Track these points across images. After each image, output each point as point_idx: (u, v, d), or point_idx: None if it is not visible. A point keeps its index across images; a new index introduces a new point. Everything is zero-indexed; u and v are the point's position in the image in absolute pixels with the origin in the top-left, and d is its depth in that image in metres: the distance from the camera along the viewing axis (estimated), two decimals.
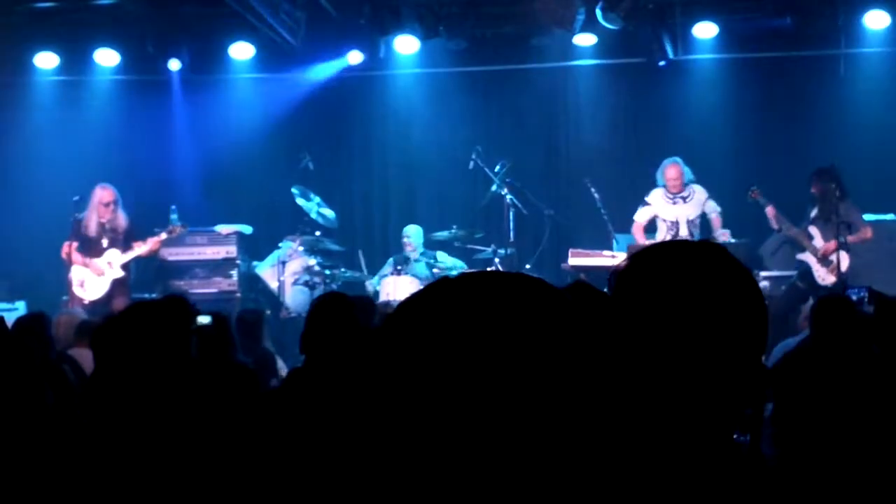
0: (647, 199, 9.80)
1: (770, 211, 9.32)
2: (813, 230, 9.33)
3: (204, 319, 4.95)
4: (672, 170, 9.69)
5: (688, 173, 9.76)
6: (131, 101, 11.32)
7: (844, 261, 9.10)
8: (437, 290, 1.21)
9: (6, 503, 3.20)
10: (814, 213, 9.39)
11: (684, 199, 9.73)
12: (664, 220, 9.73)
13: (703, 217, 9.76)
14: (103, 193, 9.50)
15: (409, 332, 1.19)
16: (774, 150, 10.67)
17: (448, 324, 1.16)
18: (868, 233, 9.29)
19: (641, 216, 9.79)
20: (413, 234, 10.35)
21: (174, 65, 10.86)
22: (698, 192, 9.73)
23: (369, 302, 6.78)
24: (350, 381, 3.39)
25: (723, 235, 9.58)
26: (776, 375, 5.27)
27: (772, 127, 10.83)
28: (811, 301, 8.13)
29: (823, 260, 9.21)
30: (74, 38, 10.79)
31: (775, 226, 9.42)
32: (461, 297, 1.19)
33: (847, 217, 9.16)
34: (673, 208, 9.72)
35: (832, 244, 9.16)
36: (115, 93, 11.33)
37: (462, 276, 1.24)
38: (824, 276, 9.17)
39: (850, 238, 9.14)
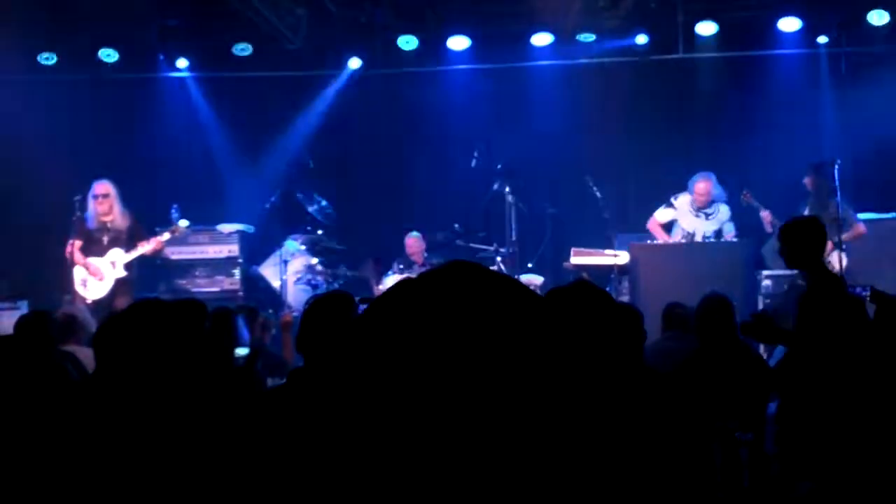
0: (673, 200, 9.75)
1: (766, 216, 9.31)
2: None
3: (241, 352, 4.97)
4: (702, 184, 9.66)
5: (717, 191, 9.72)
6: (133, 99, 11.32)
7: (842, 261, 9.08)
8: (399, 293, 1.21)
9: (8, 500, 3.20)
10: (807, 211, 9.37)
11: (707, 215, 9.72)
12: (683, 229, 9.73)
13: (719, 232, 9.76)
14: (97, 186, 9.51)
15: (376, 337, 1.19)
16: (775, 148, 10.67)
17: (411, 326, 1.16)
18: (861, 228, 9.26)
19: (662, 216, 9.76)
20: (415, 242, 10.39)
21: (181, 63, 10.92)
22: (722, 212, 9.72)
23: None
24: (351, 380, 3.39)
25: None
26: (780, 374, 5.27)
27: (773, 125, 10.83)
28: None
29: None
30: (75, 36, 10.79)
31: (769, 229, 9.40)
32: (425, 299, 1.18)
33: (838, 214, 9.14)
34: (694, 220, 9.71)
35: (828, 245, 9.14)
36: (117, 91, 11.33)
37: (421, 276, 1.23)
38: None
39: (844, 236, 9.12)
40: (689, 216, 9.73)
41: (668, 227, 9.83)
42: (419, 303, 1.20)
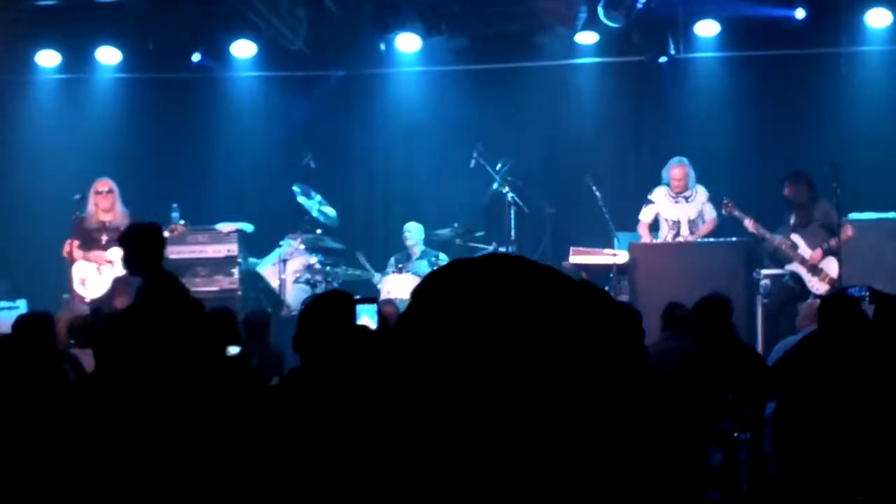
0: (650, 196, 9.82)
1: (749, 223, 9.27)
2: (796, 238, 9.29)
3: (234, 350, 4.99)
4: (678, 170, 9.71)
5: (692, 174, 9.76)
6: (133, 100, 11.32)
7: (834, 267, 9.06)
8: (447, 287, 1.20)
9: (8, 500, 3.20)
10: (793, 219, 9.36)
11: (687, 198, 9.75)
12: (666, 220, 9.76)
13: (701, 214, 9.77)
14: (99, 182, 9.53)
15: (423, 332, 1.19)
16: (775, 148, 10.66)
17: (461, 321, 1.16)
18: (849, 231, 9.23)
19: (646, 215, 9.81)
20: (414, 231, 10.38)
21: (181, 63, 10.94)
22: (700, 193, 9.76)
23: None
24: (350, 379, 3.39)
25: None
26: (777, 374, 5.27)
27: (773, 125, 10.82)
28: (810, 300, 8.13)
29: (813, 269, 9.18)
30: (76, 36, 10.78)
31: (759, 237, 9.38)
32: (474, 294, 1.18)
33: (824, 219, 9.12)
34: (675, 207, 9.74)
35: (818, 253, 9.14)
36: (117, 91, 11.33)
37: (469, 266, 1.21)
38: (817, 286, 9.13)
39: (833, 242, 9.10)
40: (670, 205, 9.75)
41: (654, 224, 9.86)
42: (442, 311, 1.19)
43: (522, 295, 1.17)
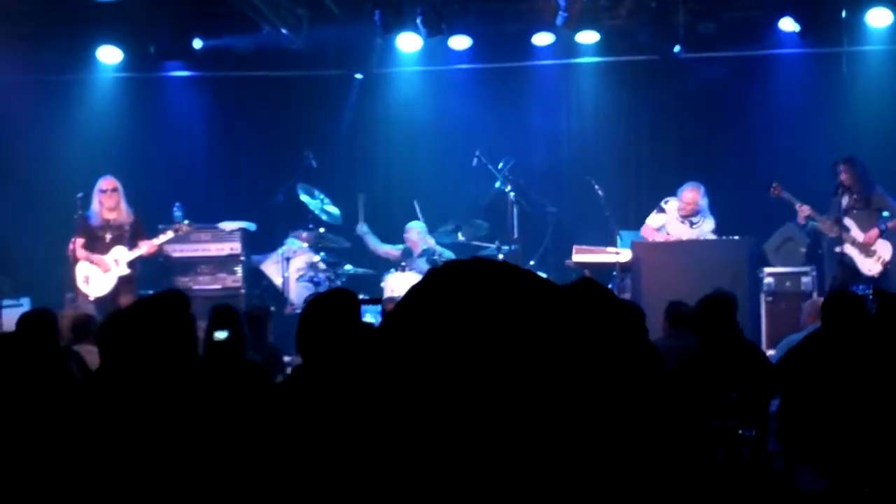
0: (663, 205, 9.72)
1: (805, 209, 9.20)
2: (848, 221, 9.24)
3: (221, 335, 4.98)
4: (690, 194, 9.60)
5: (704, 204, 9.67)
6: (134, 99, 11.33)
7: (887, 249, 9.07)
8: (436, 284, 1.21)
9: (10, 499, 3.21)
10: (845, 202, 9.29)
11: (693, 223, 9.68)
12: (668, 234, 9.72)
13: None
14: (103, 181, 9.54)
15: (409, 330, 1.19)
16: (777, 147, 10.67)
17: (447, 320, 1.16)
18: None
19: (655, 221, 9.74)
20: (413, 231, 10.40)
21: (182, 62, 10.94)
22: (706, 224, 9.67)
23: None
24: (349, 378, 3.39)
25: None
26: (782, 371, 5.27)
27: (775, 124, 10.83)
28: (814, 297, 8.12)
29: (866, 250, 9.15)
30: (77, 35, 10.79)
31: (803, 222, 9.32)
32: (460, 292, 1.18)
33: (880, 204, 9.14)
34: (680, 226, 9.69)
35: (874, 232, 9.12)
36: (119, 90, 11.33)
37: (456, 268, 1.22)
38: (870, 267, 9.10)
39: (890, 224, 9.13)
40: (675, 222, 9.71)
41: (658, 231, 9.84)
42: (442, 305, 1.19)
43: (500, 296, 1.17)
